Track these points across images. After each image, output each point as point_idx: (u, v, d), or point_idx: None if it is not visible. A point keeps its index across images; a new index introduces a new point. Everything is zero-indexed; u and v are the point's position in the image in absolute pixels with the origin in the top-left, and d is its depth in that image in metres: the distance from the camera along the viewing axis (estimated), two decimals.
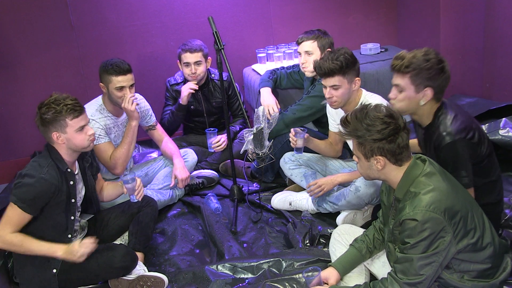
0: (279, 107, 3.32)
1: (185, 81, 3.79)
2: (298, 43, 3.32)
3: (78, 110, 2.44)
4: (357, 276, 2.28)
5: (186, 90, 3.65)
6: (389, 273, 2.00)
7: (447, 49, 4.05)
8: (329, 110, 3.10)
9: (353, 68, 2.76)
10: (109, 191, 2.83)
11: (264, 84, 3.54)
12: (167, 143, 3.45)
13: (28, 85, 4.10)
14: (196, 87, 3.66)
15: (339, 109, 2.95)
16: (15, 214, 2.37)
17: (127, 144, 3.13)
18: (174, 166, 3.29)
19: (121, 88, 3.04)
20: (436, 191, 1.93)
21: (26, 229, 2.41)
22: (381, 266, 2.31)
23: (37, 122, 2.47)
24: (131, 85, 3.08)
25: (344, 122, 2.04)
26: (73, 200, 2.50)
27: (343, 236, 2.39)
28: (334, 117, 3.07)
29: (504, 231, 2.60)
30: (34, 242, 2.40)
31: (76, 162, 2.58)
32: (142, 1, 4.13)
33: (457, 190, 2.02)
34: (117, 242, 2.82)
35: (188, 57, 3.61)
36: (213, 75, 3.81)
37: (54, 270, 2.46)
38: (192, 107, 3.82)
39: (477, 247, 2.00)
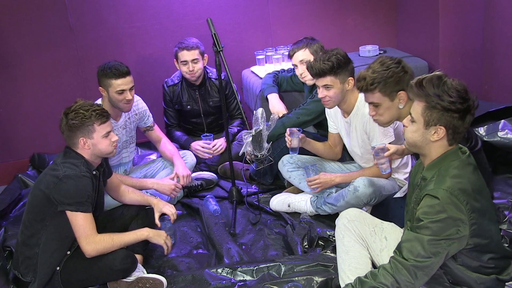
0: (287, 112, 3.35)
1: (182, 82, 3.79)
2: (290, 56, 3.34)
3: (105, 116, 2.52)
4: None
5: (197, 150, 3.69)
6: (392, 258, 1.94)
7: (446, 50, 4.05)
8: (328, 112, 3.10)
9: (345, 68, 2.78)
10: (133, 197, 2.89)
11: (270, 90, 3.55)
12: (166, 144, 3.45)
13: (27, 86, 4.10)
14: (211, 155, 3.69)
15: (339, 111, 2.96)
16: (84, 220, 2.44)
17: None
18: (175, 166, 3.31)
19: (122, 92, 3.04)
20: (464, 179, 1.93)
21: (51, 221, 2.46)
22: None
23: (63, 128, 2.50)
24: (131, 88, 3.09)
25: (418, 83, 1.98)
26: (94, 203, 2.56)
27: (353, 223, 2.30)
28: (333, 119, 3.07)
29: (503, 230, 2.60)
30: (120, 236, 2.54)
31: None
32: (141, 3, 4.13)
33: (483, 190, 2.02)
34: None
35: (185, 55, 3.62)
36: (210, 74, 3.81)
37: (58, 268, 2.49)
38: (188, 107, 3.82)
39: (485, 249, 1.99)
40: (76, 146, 2.51)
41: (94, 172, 2.55)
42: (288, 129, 2.96)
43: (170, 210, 2.82)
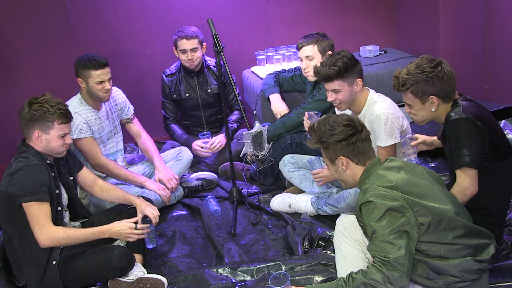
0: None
1: (180, 70, 3.80)
2: (298, 48, 3.31)
3: (68, 117, 2.54)
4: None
5: (197, 150, 3.69)
6: (373, 264, 1.98)
7: (446, 51, 4.06)
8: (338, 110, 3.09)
9: (352, 71, 2.75)
10: (114, 195, 2.86)
11: (272, 90, 3.55)
12: (146, 141, 3.45)
13: (27, 87, 4.10)
14: (210, 153, 3.70)
15: (348, 110, 2.95)
16: (39, 210, 2.40)
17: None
18: (156, 169, 3.31)
19: (101, 82, 3.08)
20: (386, 179, 2.04)
21: (19, 220, 2.43)
22: None
23: (24, 115, 2.51)
24: (109, 78, 3.12)
25: (311, 130, 2.20)
26: (57, 191, 2.54)
27: (349, 229, 2.32)
28: None
29: (505, 235, 2.59)
30: (76, 231, 2.49)
31: None
32: (141, 3, 4.13)
33: (411, 183, 2.07)
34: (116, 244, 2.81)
35: (185, 44, 3.63)
36: (208, 61, 3.83)
37: (54, 262, 2.48)
38: (187, 95, 3.82)
39: (442, 227, 2.03)
40: (29, 138, 2.53)
41: (48, 162, 2.53)
42: (306, 113, 3.01)
43: (152, 213, 2.70)
